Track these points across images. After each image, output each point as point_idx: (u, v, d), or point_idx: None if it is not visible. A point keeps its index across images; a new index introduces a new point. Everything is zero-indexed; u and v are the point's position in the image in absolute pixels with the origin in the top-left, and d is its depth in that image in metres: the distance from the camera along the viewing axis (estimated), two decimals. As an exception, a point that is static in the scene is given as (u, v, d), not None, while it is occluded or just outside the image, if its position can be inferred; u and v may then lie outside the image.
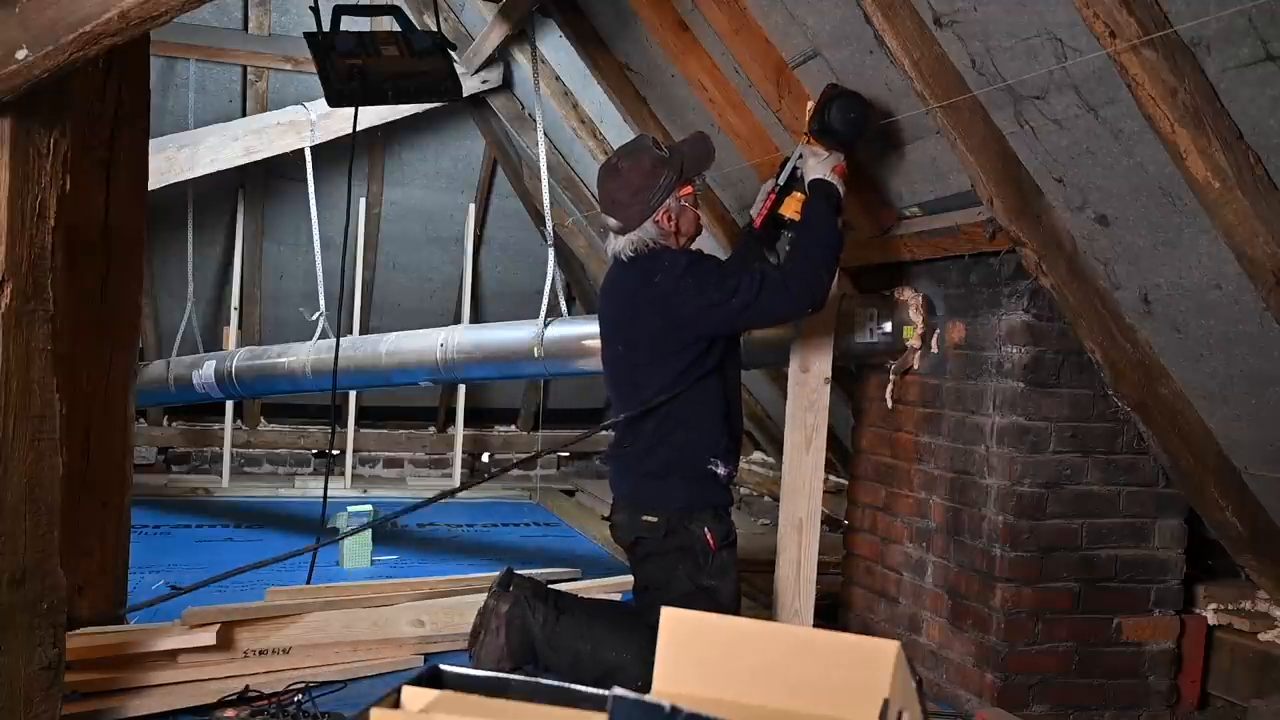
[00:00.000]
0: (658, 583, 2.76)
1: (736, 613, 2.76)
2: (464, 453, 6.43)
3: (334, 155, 5.19)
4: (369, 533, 4.28)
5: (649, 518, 2.74)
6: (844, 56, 2.77)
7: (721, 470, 2.74)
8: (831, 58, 2.82)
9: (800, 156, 2.80)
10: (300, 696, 2.65)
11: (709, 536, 2.70)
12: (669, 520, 2.72)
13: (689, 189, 2.74)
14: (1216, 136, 1.92)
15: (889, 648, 1.32)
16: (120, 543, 2.86)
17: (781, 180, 2.82)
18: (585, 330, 3.96)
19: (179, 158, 4.89)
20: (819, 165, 2.75)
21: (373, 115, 4.99)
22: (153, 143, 3.02)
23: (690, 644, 1.36)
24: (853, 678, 1.30)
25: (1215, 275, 2.22)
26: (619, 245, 2.76)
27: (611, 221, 2.76)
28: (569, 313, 4.31)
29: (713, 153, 2.83)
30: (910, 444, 3.14)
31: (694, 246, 2.83)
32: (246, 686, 2.68)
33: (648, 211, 2.69)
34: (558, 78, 4.37)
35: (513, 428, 6.83)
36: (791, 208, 2.80)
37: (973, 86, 2.39)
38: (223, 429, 6.05)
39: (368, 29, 4.34)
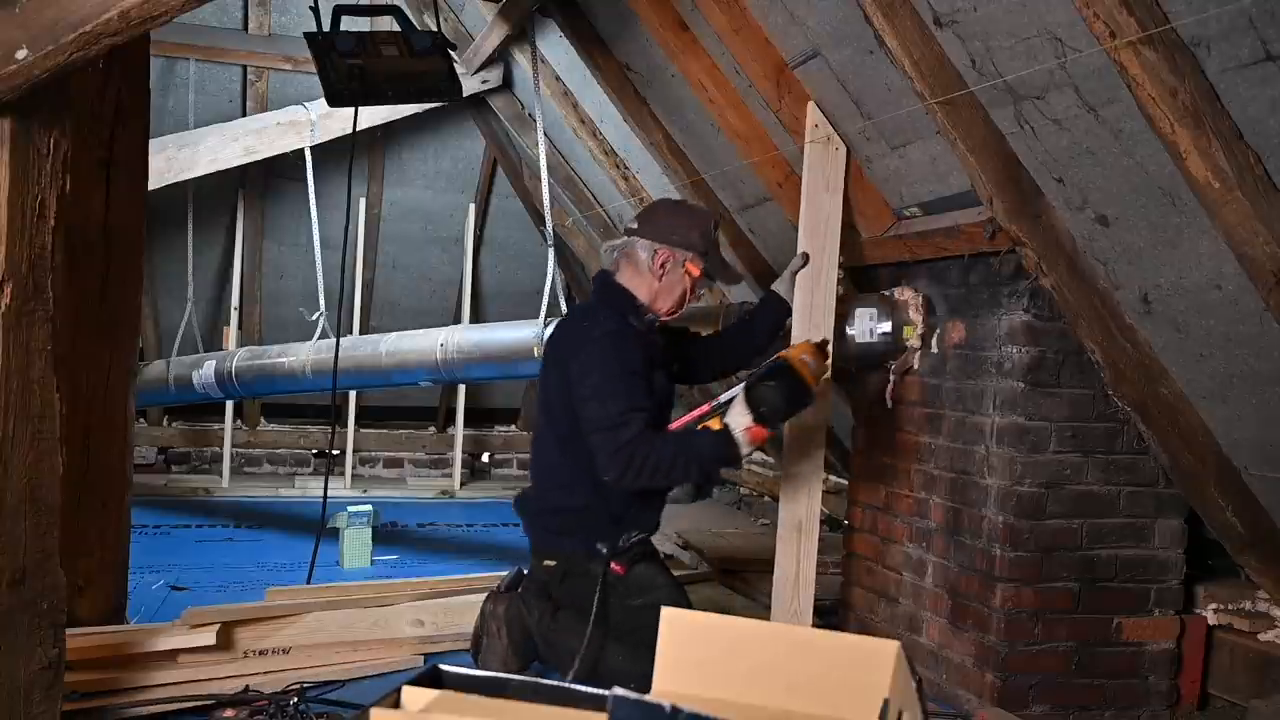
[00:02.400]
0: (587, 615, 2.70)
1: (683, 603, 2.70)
2: (464, 453, 6.43)
3: (334, 155, 5.19)
4: (369, 532, 4.28)
5: (549, 562, 2.79)
6: (844, 56, 2.77)
7: (605, 555, 2.69)
8: (831, 58, 2.82)
9: (733, 398, 2.65)
10: (300, 696, 2.64)
11: (614, 566, 2.70)
12: (568, 562, 2.76)
13: (697, 270, 2.78)
14: (1216, 136, 1.92)
15: (889, 648, 1.32)
16: (120, 543, 2.86)
17: (720, 401, 2.69)
18: (585, 330, 3.96)
19: (179, 158, 4.89)
20: (739, 418, 2.59)
21: (373, 115, 5.00)
22: (153, 143, 3.02)
23: (690, 644, 1.36)
24: (853, 678, 1.30)
25: (1215, 275, 2.22)
26: (612, 242, 2.84)
27: (633, 224, 2.83)
28: (569, 313, 4.31)
29: (736, 280, 3.00)
30: (910, 444, 3.14)
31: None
32: (246, 686, 2.68)
33: (658, 237, 2.76)
34: (558, 78, 4.37)
35: (513, 428, 6.83)
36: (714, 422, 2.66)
37: (972, 86, 2.39)
38: (223, 429, 6.05)
39: (368, 29, 4.34)
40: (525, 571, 2.95)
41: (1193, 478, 2.68)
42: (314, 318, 4.97)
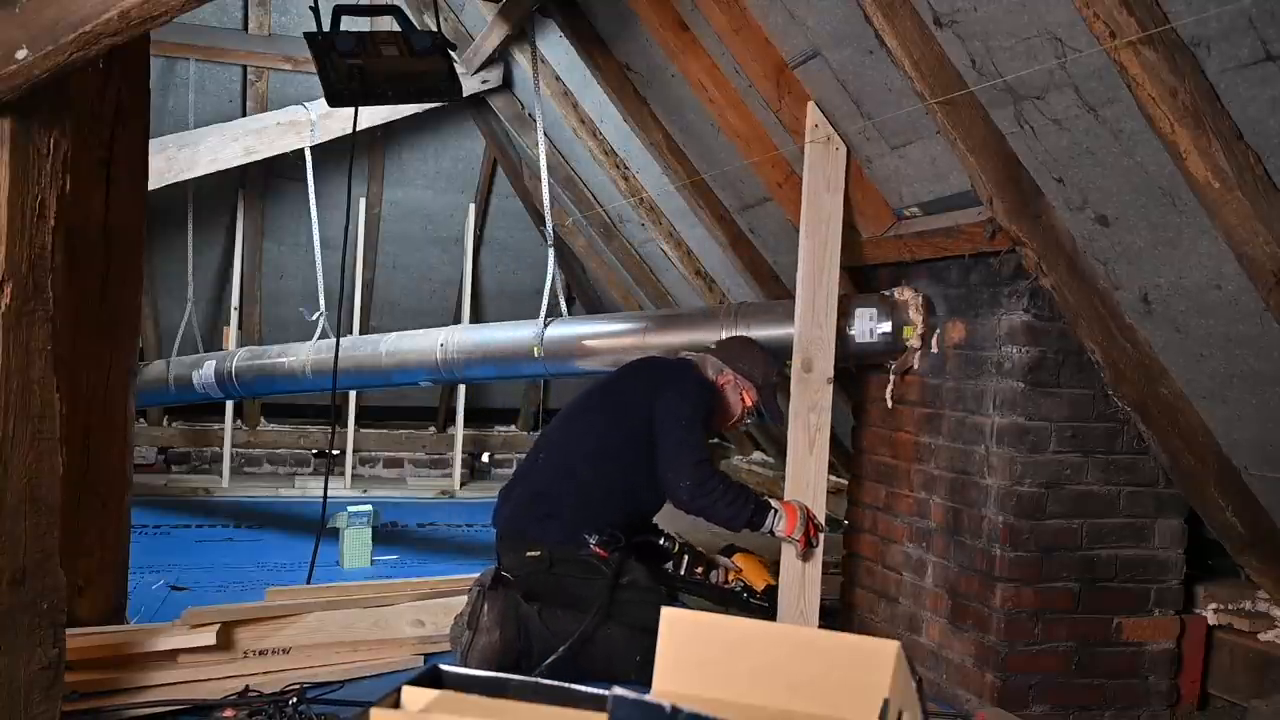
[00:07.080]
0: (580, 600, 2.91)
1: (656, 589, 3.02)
2: (464, 452, 6.43)
3: (334, 155, 5.19)
4: (369, 532, 4.28)
5: (532, 553, 2.96)
6: (844, 56, 2.77)
7: (593, 543, 2.96)
8: (831, 58, 2.82)
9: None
10: (299, 697, 2.64)
11: (597, 549, 2.93)
12: (554, 550, 2.94)
13: (750, 400, 3.22)
14: (1216, 136, 1.92)
15: (889, 648, 1.32)
16: (120, 543, 2.86)
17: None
18: (585, 330, 3.96)
19: (179, 158, 4.89)
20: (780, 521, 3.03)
21: (373, 115, 4.99)
22: (153, 143, 3.02)
23: (690, 644, 1.36)
24: (853, 678, 1.30)
25: (1215, 275, 2.22)
26: (689, 351, 3.34)
27: (712, 345, 3.33)
28: (569, 313, 4.31)
29: (780, 422, 3.34)
30: (910, 444, 3.14)
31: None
32: (246, 686, 2.68)
33: (728, 360, 3.22)
34: (558, 78, 4.37)
35: (513, 428, 6.84)
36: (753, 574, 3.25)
37: (973, 86, 2.39)
38: (223, 429, 6.05)
39: (368, 29, 4.34)
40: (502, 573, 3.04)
41: (1193, 478, 2.68)
42: (314, 318, 4.97)
